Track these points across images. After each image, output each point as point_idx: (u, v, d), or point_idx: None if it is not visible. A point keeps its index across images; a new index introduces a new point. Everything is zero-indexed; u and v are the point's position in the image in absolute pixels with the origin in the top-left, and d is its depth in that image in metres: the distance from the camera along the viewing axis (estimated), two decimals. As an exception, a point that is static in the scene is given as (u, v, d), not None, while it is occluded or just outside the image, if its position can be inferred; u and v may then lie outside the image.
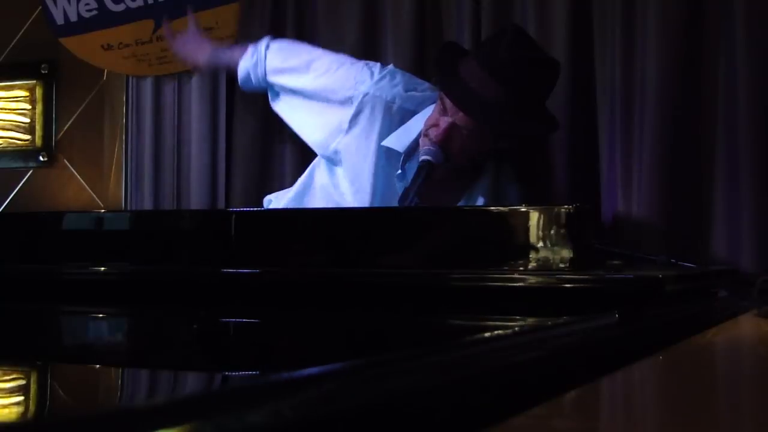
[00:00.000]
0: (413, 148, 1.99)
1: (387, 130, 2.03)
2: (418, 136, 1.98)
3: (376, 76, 2.07)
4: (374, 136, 2.03)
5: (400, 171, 1.99)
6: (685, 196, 2.11)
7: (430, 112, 2.00)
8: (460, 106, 1.89)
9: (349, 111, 2.07)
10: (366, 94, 2.04)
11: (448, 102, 1.91)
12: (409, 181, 1.94)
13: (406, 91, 2.06)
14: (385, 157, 2.03)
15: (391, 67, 2.14)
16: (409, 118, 2.04)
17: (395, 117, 2.04)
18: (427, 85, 2.13)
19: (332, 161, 2.14)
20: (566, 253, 1.09)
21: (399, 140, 2.00)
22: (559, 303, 1.02)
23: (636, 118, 2.15)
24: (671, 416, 0.61)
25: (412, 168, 1.97)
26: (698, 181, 2.12)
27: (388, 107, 2.04)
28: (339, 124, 2.09)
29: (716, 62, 2.11)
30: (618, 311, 0.92)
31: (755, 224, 2.03)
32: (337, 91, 2.10)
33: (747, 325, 1.18)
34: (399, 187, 1.99)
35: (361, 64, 2.15)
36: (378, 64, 2.14)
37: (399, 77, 2.09)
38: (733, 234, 2.06)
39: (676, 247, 2.05)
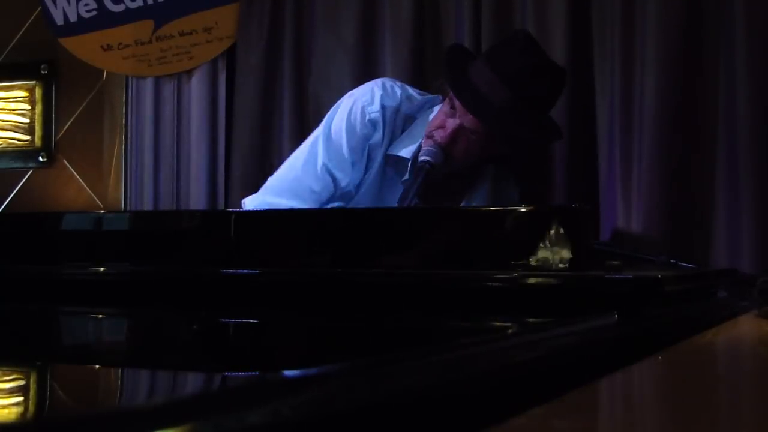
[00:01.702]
0: (418, 153, 1.99)
1: (390, 136, 2.03)
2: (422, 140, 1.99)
3: (380, 90, 2.04)
4: (385, 144, 2.03)
5: (407, 177, 1.99)
6: (685, 197, 2.12)
7: (432, 116, 2.00)
8: (471, 109, 1.89)
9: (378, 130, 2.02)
10: (383, 107, 2.02)
11: (457, 104, 1.92)
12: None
13: (407, 96, 2.06)
14: (388, 164, 2.03)
15: (381, 80, 2.11)
16: (410, 123, 2.04)
17: (398, 123, 2.04)
18: (418, 90, 2.13)
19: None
20: (566, 253, 1.09)
21: (405, 147, 2.01)
22: (558, 303, 1.02)
23: (636, 118, 2.16)
24: (671, 416, 0.61)
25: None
26: (698, 182, 2.12)
27: (396, 113, 2.04)
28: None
29: (716, 62, 2.12)
30: (617, 311, 0.92)
31: (755, 224, 2.03)
32: (357, 129, 2.02)
33: (747, 325, 1.18)
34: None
35: (351, 98, 2.06)
36: (369, 85, 2.08)
37: (396, 84, 2.08)
38: (732, 234, 2.06)
39: (676, 247, 2.05)
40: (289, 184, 2.02)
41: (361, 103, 2.02)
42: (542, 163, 2.27)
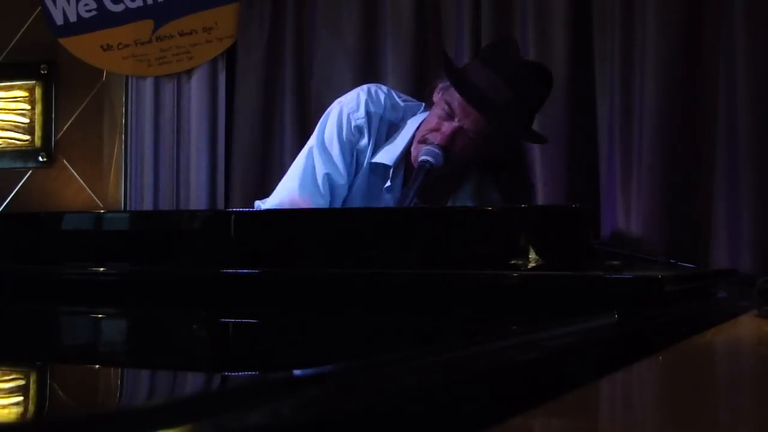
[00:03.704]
0: (401, 160, 2.01)
1: (374, 143, 2.04)
2: (405, 148, 2.00)
3: (365, 95, 2.05)
4: (370, 149, 2.04)
5: (389, 184, 2.00)
6: (685, 197, 2.12)
7: (416, 123, 2.01)
8: (480, 109, 1.90)
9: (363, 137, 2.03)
10: (367, 113, 2.03)
11: (457, 106, 1.92)
12: (398, 193, 1.98)
13: (391, 103, 2.07)
14: (372, 172, 2.04)
15: (367, 86, 2.11)
16: (394, 131, 2.05)
17: (382, 130, 2.05)
18: (404, 96, 2.14)
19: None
20: (566, 253, 1.09)
21: (388, 155, 2.02)
22: (558, 303, 1.02)
23: (636, 118, 2.16)
24: (671, 416, 0.61)
25: (399, 180, 2.00)
26: (698, 182, 2.12)
27: (380, 120, 2.05)
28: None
29: (716, 63, 2.12)
30: (618, 311, 0.92)
31: (755, 224, 2.03)
32: (343, 135, 2.03)
33: (747, 325, 1.18)
34: (387, 199, 2.01)
35: (338, 105, 2.08)
36: (356, 91, 2.09)
37: (382, 91, 2.09)
38: (732, 234, 2.06)
39: (676, 247, 2.05)
40: (294, 199, 2.03)
41: (347, 110, 2.04)
42: (523, 168, 2.28)
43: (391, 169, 2.01)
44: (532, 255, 1.08)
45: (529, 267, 1.07)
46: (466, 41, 2.37)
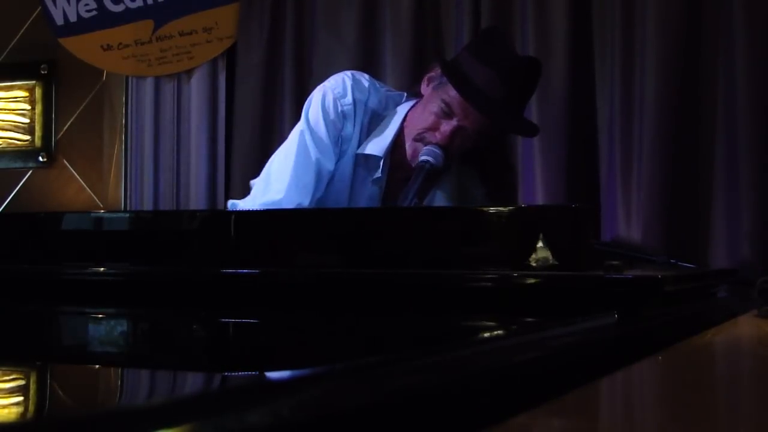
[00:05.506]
0: (390, 152, 2.00)
1: (359, 133, 2.03)
2: (393, 138, 1.98)
3: (350, 81, 2.04)
4: (355, 138, 2.03)
5: (379, 175, 1.99)
6: (685, 197, 2.12)
7: (403, 111, 2.00)
8: (482, 110, 1.89)
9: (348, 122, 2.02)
10: (354, 100, 2.02)
11: (456, 106, 1.91)
12: (385, 184, 1.97)
13: (374, 89, 2.06)
14: (357, 163, 2.03)
15: (350, 72, 2.09)
16: (376, 120, 2.03)
17: (366, 118, 2.04)
18: (386, 86, 2.13)
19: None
20: (566, 253, 1.09)
21: (377, 146, 2.00)
22: (558, 303, 1.02)
23: (635, 118, 2.16)
24: (671, 416, 0.61)
25: (386, 171, 1.99)
26: (698, 182, 2.12)
27: (364, 108, 2.04)
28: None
29: (716, 62, 2.12)
30: (618, 311, 0.92)
31: (755, 224, 2.03)
32: (330, 120, 2.03)
33: (747, 326, 1.18)
34: (373, 191, 2.00)
35: (322, 89, 2.05)
36: (340, 77, 2.06)
37: (365, 78, 2.07)
38: (732, 234, 2.06)
39: (676, 247, 2.05)
40: (286, 183, 2.01)
41: (332, 94, 2.02)
42: (508, 163, 2.28)
43: (381, 160, 2.00)
44: (533, 255, 1.08)
45: (528, 267, 1.07)
46: (466, 42, 2.37)
